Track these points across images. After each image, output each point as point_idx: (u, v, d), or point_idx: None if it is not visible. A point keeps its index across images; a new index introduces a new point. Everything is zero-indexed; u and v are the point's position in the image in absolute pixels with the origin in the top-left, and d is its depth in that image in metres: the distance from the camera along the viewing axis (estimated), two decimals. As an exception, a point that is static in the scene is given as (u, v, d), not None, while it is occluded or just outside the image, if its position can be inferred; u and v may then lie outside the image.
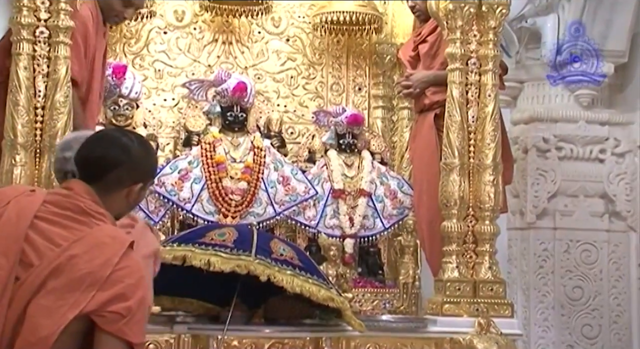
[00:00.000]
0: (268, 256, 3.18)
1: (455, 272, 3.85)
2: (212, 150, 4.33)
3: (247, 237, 3.25)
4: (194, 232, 3.46)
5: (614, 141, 5.14)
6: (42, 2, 3.53)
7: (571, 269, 5.02)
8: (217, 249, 3.17)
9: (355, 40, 4.87)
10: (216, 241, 3.21)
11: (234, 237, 3.24)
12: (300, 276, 3.17)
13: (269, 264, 3.14)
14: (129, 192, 2.28)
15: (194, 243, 3.21)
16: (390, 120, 4.85)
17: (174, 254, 3.17)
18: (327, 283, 3.29)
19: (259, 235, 3.29)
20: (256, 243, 3.21)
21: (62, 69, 3.51)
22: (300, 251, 3.49)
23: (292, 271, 3.16)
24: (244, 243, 3.21)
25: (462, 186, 3.88)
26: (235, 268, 3.10)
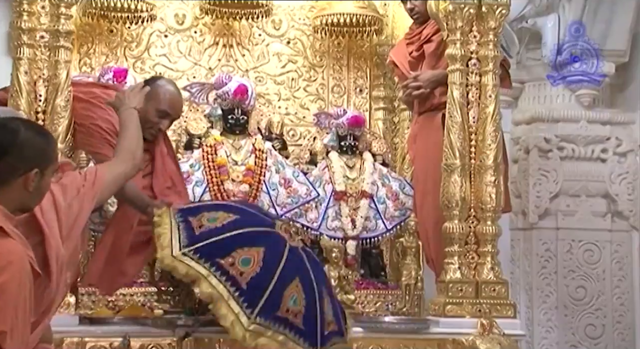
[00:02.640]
0: (270, 315, 3.09)
1: (457, 273, 3.85)
2: (214, 153, 4.33)
3: (267, 275, 3.11)
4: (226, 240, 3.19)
5: (616, 140, 5.13)
6: (43, 7, 3.54)
7: (574, 269, 5.02)
8: (228, 287, 3.08)
9: (355, 42, 4.87)
10: (236, 269, 3.10)
11: (254, 273, 3.10)
12: (290, 344, 3.10)
13: (262, 330, 3.07)
14: (26, 180, 2.22)
15: (213, 263, 3.09)
16: (391, 121, 4.85)
17: (187, 271, 3.10)
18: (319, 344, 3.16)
19: (283, 269, 3.14)
20: (270, 291, 3.10)
21: (62, 74, 3.52)
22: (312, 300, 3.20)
23: (284, 337, 3.09)
24: (258, 286, 3.09)
25: (464, 187, 3.88)
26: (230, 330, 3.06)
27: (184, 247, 3.14)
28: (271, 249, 3.20)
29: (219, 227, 3.22)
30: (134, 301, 4.05)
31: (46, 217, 2.37)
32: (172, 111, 3.68)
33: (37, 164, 2.24)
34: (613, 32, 5.05)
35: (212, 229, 3.21)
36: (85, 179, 2.58)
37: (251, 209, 3.48)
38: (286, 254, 3.20)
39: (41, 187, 2.28)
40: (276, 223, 3.33)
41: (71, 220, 2.46)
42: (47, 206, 2.37)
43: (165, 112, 3.64)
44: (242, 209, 3.42)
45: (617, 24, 5.04)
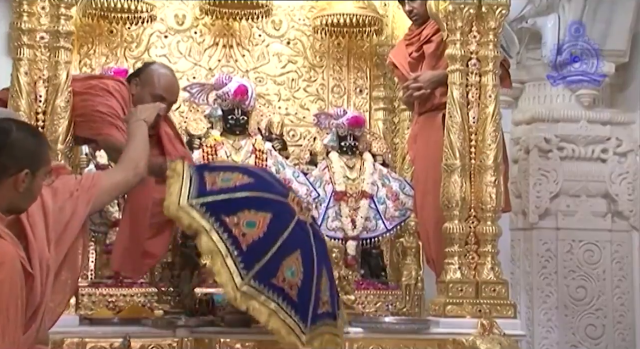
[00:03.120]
0: (265, 280, 3.04)
1: (457, 273, 3.85)
2: (214, 153, 4.33)
3: (269, 242, 3.08)
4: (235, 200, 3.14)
5: (616, 140, 5.13)
6: (43, 8, 3.54)
7: (574, 269, 5.02)
8: (228, 246, 3.04)
9: (355, 43, 4.87)
10: (239, 230, 3.05)
11: (257, 237, 3.07)
12: (281, 314, 3.06)
13: (255, 294, 3.03)
14: (16, 181, 2.21)
15: (217, 219, 3.05)
16: (391, 122, 4.85)
17: (190, 223, 3.05)
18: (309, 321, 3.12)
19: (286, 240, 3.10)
20: (269, 257, 3.06)
21: (62, 74, 3.52)
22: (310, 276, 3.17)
23: (276, 305, 3.05)
24: (258, 250, 3.06)
25: (464, 187, 3.88)
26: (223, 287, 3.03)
27: (192, 198, 3.10)
28: (278, 217, 3.15)
29: (231, 187, 3.17)
30: (134, 302, 4.05)
31: (31, 220, 2.37)
32: (168, 95, 3.65)
33: (28, 164, 2.23)
34: (613, 32, 5.05)
35: (224, 188, 3.17)
36: (80, 183, 2.58)
37: (268, 177, 3.45)
38: (292, 225, 3.17)
39: (32, 188, 2.27)
40: (289, 195, 3.29)
41: (61, 224, 2.46)
42: (34, 208, 2.37)
43: (161, 97, 3.61)
44: (258, 174, 3.38)
45: (617, 24, 5.04)
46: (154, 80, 3.62)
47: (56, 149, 3.49)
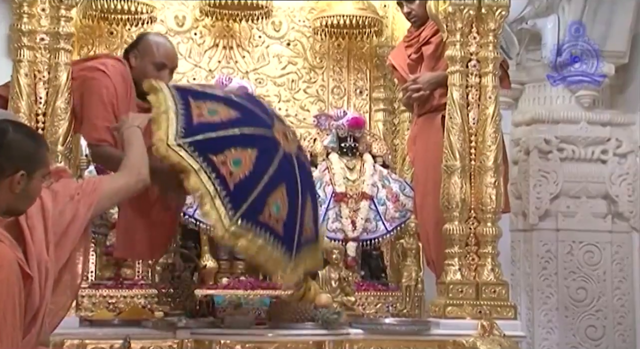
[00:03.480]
0: (252, 219, 3.11)
1: (457, 274, 3.85)
2: (214, 154, 4.32)
3: (255, 180, 3.14)
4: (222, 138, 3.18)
5: (616, 141, 5.13)
6: (43, 9, 3.55)
7: (574, 270, 5.02)
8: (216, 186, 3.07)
9: (355, 44, 4.87)
10: (227, 169, 3.11)
11: (243, 176, 3.13)
12: (268, 248, 3.15)
13: (243, 233, 3.09)
14: (11, 183, 2.20)
15: (206, 158, 3.09)
16: (391, 123, 4.85)
17: (179, 161, 3.06)
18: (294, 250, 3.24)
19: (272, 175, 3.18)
20: (255, 196, 3.13)
21: (62, 76, 3.52)
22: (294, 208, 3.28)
23: (263, 241, 3.14)
24: (244, 189, 3.12)
25: (464, 188, 3.87)
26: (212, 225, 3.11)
27: (180, 138, 3.12)
28: (263, 153, 3.23)
29: (218, 122, 3.21)
30: (134, 303, 4.05)
31: (30, 222, 2.36)
32: (169, 61, 3.67)
33: (24, 166, 2.22)
34: (613, 33, 5.05)
35: (211, 123, 3.20)
36: (81, 187, 2.57)
37: (252, 106, 3.44)
38: (277, 160, 3.25)
39: (29, 190, 2.26)
40: (274, 125, 3.34)
41: (61, 227, 2.45)
42: (33, 210, 2.36)
43: (162, 64, 3.64)
44: (243, 106, 3.39)
45: (616, 25, 5.04)
46: (153, 49, 3.65)
47: (56, 150, 3.49)
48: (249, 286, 4.20)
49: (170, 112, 3.17)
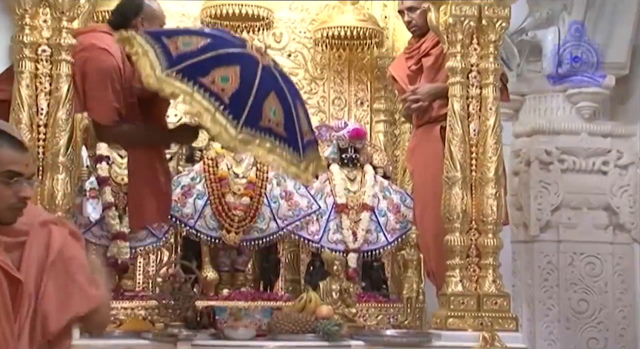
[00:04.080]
0: (255, 125, 3.31)
1: (459, 286, 3.85)
2: (215, 166, 4.33)
3: (246, 90, 3.33)
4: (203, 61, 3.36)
5: (617, 153, 5.13)
6: (45, 21, 3.56)
7: (576, 282, 5.00)
8: (212, 102, 3.26)
9: (356, 55, 4.88)
10: (217, 86, 3.29)
11: (234, 89, 3.31)
12: (277, 150, 3.36)
13: (250, 139, 3.29)
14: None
15: (195, 82, 3.26)
16: (392, 134, 4.85)
17: (173, 90, 3.25)
18: (301, 150, 3.46)
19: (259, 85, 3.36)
20: (251, 104, 3.31)
21: (64, 87, 3.53)
22: (289, 111, 3.48)
23: (272, 143, 3.34)
24: (240, 100, 3.31)
25: (465, 200, 3.88)
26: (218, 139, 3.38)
27: (165, 69, 3.28)
28: (246, 67, 3.40)
29: (195, 50, 3.37)
30: (135, 315, 4.04)
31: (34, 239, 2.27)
32: (165, 20, 3.94)
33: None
34: (613, 44, 5.06)
35: (188, 52, 3.36)
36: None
37: (221, 34, 3.68)
38: (259, 71, 3.42)
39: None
40: (246, 45, 3.52)
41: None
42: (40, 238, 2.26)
43: (164, 24, 3.90)
44: (213, 34, 3.60)
45: (617, 36, 5.05)
46: (158, 13, 3.84)
47: (57, 161, 3.50)
48: (249, 297, 4.19)
49: (150, 53, 3.32)
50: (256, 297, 4.22)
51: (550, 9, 5.11)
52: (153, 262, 4.38)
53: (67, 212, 3.56)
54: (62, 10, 3.55)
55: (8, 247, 2.20)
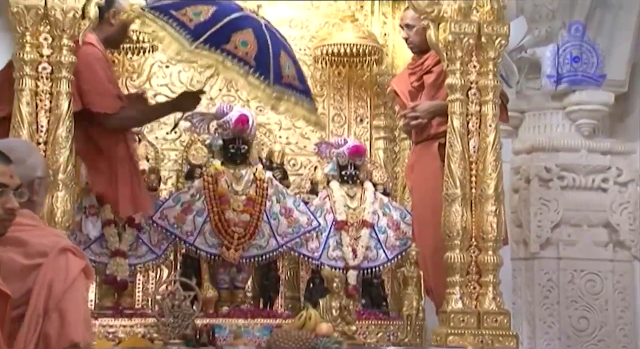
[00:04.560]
0: (280, 82, 3.66)
1: (459, 303, 3.84)
2: (215, 183, 4.33)
3: (265, 51, 3.65)
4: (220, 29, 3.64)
5: (616, 170, 5.14)
6: (45, 39, 3.57)
7: (576, 299, 4.99)
8: (242, 67, 3.58)
9: (356, 72, 4.89)
10: (240, 51, 3.58)
11: (255, 52, 3.63)
12: (299, 102, 3.75)
13: (281, 95, 3.68)
14: None
15: (223, 50, 3.55)
16: (392, 151, 4.86)
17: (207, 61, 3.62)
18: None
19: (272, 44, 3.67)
20: (272, 64, 3.63)
21: (64, 104, 3.54)
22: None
23: (295, 97, 3.74)
24: (263, 61, 3.62)
25: (465, 217, 3.88)
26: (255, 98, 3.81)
27: (192, 42, 3.57)
28: (256, 29, 3.72)
29: (209, 19, 3.63)
30: (134, 333, 4.02)
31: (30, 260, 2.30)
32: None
33: None
34: (612, 62, 5.08)
35: (203, 22, 3.62)
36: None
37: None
38: (266, 32, 3.75)
39: None
40: (242, 7, 3.80)
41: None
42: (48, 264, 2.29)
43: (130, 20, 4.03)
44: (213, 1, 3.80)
45: (615, 54, 5.07)
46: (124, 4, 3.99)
47: (57, 178, 3.50)
48: (249, 314, 4.18)
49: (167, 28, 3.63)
50: (256, 314, 4.21)
51: (549, 26, 5.13)
52: (152, 279, 4.37)
53: (66, 229, 3.56)
54: (62, 28, 3.56)
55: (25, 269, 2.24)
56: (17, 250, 2.28)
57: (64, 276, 2.26)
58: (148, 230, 4.22)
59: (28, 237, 2.31)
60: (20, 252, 2.28)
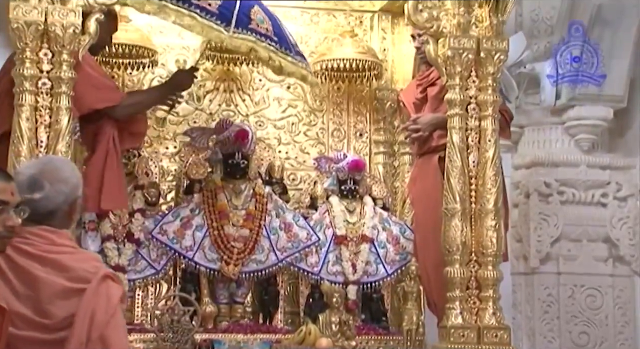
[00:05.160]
0: (246, 26, 3.79)
1: (459, 318, 3.82)
2: (214, 197, 4.33)
3: (277, 25, 3.92)
4: (241, 7, 3.88)
5: (616, 185, 5.14)
6: (45, 54, 3.57)
7: (576, 314, 4.98)
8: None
9: (355, 87, 4.90)
10: (262, 29, 3.82)
11: (271, 26, 3.88)
12: (279, 53, 3.90)
13: (248, 36, 3.81)
14: None
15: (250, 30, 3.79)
16: (391, 165, 4.86)
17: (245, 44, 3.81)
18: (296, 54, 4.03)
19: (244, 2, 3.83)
20: (237, 12, 3.76)
21: (64, 120, 3.53)
22: (275, 20, 4.02)
23: (269, 43, 3.86)
24: (226, 11, 3.75)
25: (464, 231, 3.87)
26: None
27: (225, 27, 3.79)
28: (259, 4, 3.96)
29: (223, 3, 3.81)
30: (133, 348, 4.01)
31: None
32: None
33: None
34: (611, 77, 5.09)
35: (221, 4, 3.80)
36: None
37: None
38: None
39: None
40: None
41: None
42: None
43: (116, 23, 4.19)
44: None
45: (614, 69, 5.09)
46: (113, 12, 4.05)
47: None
48: (248, 330, 4.17)
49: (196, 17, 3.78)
50: (255, 329, 4.20)
51: (548, 41, 5.15)
52: (152, 294, 4.36)
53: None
54: (62, 44, 3.57)
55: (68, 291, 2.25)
56: (59, 274, 2.29)
57: (106, 304, 2.27)
58: (147, 245, 4.21)
59: (70, 262, 2.32)
60: (62, 276, 2.29)
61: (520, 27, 5.10)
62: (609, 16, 5.07)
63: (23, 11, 3.54)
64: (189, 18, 3.77)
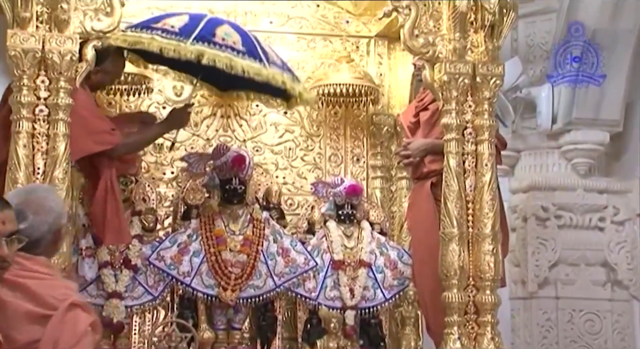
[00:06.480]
0: (207, 40, 3.85)
1: (457, 343, 3.81)
2: (211, 223, 4.33)
3: (196, 21, 3.93)
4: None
5: (613, 209, 5.14)
6: (42, 81, 3.59)
7: (575, 339, 4.96)
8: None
9: (352, 112, 4.91)
10: (228, 41, 3.88)
11: (185, 22, 3.91)
12: (239, 58, 3.86)
13: (203, 46, 3.83)
14: None
15: (210, 42, 3.84)
16: (388, 190, 4.86)
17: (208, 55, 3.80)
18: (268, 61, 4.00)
19: (207, 21, 3.94)
20: (200, 29, 3.86)
21: (61, 146, 3.54)
22: (247, 36, 4.06)
23: (230, 53, 3.85)
24: (190, 26, 3.87)
25: (462, 256, 3.87)
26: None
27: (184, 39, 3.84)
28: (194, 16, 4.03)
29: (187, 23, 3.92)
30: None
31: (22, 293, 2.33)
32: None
33: None
34: (606, 102, 5.11)
35: (183, 26, 3.90)
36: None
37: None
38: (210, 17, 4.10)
39: None
40: None
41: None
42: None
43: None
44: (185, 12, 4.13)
45: (610, 94, 5.11)
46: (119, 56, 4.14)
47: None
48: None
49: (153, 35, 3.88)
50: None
51: (543, 66, 5.17)
52: (149, 321, 4.34)
53: (62, 271, 3.54)
54: (59, 71, 3.59)
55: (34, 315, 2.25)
56: (25, 299, 2.29)
57: (71, 333, 2.26)
58: (144, 271, 4.20)
59: (37, 288, 2.32)
60: (28, 301, 2.29)
61: (516, 52, 5.13)
62: (604, 41, 5.10)
63: (20, 39, 3.57)
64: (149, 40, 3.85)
